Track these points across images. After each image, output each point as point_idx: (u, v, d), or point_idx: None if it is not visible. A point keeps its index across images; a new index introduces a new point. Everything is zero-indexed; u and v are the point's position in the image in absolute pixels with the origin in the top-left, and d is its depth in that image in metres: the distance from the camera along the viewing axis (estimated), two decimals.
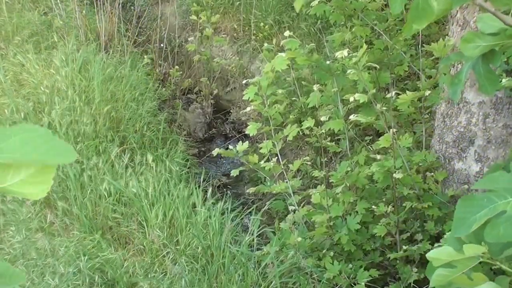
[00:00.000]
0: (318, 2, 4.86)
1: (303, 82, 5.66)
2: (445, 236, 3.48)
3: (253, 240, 4.66)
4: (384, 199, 4.31)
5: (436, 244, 3.61)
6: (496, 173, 1.55)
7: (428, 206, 4.09)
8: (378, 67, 4.57)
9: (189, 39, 8.14)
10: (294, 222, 4.62)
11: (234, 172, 4.87)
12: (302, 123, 4.82)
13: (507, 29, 1.58)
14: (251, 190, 4.85)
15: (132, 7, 9.15)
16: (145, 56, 7.62)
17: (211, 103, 8.05)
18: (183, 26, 9.07)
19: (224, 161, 7.26)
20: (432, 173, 4.32)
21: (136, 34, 8.44)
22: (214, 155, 4.97)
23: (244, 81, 5.17)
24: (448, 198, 4.19)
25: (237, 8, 8.48)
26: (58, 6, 7.83)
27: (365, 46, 4.22)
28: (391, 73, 5.02)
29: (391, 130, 4.05)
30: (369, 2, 5.19)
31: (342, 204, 4.34)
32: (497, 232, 1.42)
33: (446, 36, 4.47)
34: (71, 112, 5.76)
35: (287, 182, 4.75)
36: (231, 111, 8.05)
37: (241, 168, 4.95)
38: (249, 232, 4.80)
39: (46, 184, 0.96)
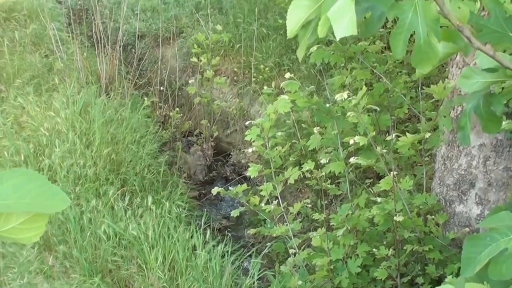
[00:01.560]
0: (317, 47, 4.95)
1: (303, 125, 5.73)
2: (446, 279, 3.50)
3: (253, 283, 4.67)
4: (385, 242, 4.33)
5: None
6: (500, 212, 1.58)
7: (429, 249, 4.10)
8: (378, 109, 4.63)
9: (189, 81, 8.25)
10: (295, 265, 4.63)
11: (235, 213, 4.91)
12: (302, 165, 4.86)
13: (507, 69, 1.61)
14: (252, 231, 4.88)
15: (133, 50, 9.29)
16: (146, 99, 7.72)
17: (212, 146, 8.12)
18: (183, 69, 9.21)
19: (224, 204, 7.30)
20: (433, 216, 4.34)
21: (137, 76, 8.57)
22: (214, 196, 5.01)
23: (247, 123, 5.24)
24: (449, 241, 4.21)
25: (238, 51, 8.62)
26: (59, 49, 7.97)
27: (364, 89, 4.28)
28: (391, 116, 5.08)
29: (391, 172, 4.09)
30: (369, 45, 5.28)
31: (343, 247, 4.36)
32: (499, 269, 1.44)
33: (446, 79, 4.51)
34: (71, 154, 5.83)
35: (287, 225, 4.78)
36: (231, 153, 8.11)
37: (241, 209, 4.99)
38: (249, 275, 4.82)
39: (38, 230, 0.96)
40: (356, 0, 1.23)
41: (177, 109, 8.16)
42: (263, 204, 4.84)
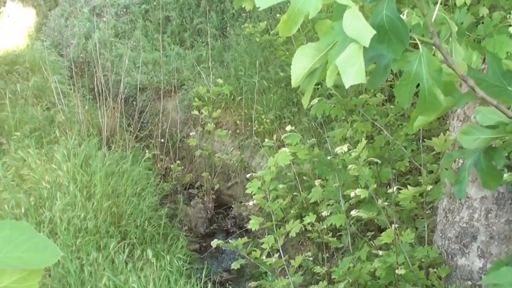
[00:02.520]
0: (318, 100, 5.05)
1: (304, 177, 5.79)
2: None
3: None
4: None
5: None
6: (502, 268, 1.59)
7: None
8: (379, 162, 4.69)
9: (190, 133, 8.34)
10: None
11: (235, 265, 4.92)
12: (303, 218, 4.90)
13: (508, 124, 1.65)
14: (253, 284, 4.89)
15: (134, 102, 9.43)
16: (147, 151, 7.80)
17: (213, 198, 8.16)
18: (184, 121, 9.31)
19: (225, 257, 7.30)
20: (435, 269, 4.35)
21: (138, 129, 8.67)
22: (214, 249, 5.03)
23: (248, 175, 5.30)
24: None
25: (239, 103, 8.72)
26: (61, 101, 8.09)
27: (364, 141, 4.35)
28: (393, 168, 5.12)
29: (393, 225, 4.12)
30: (370, 98, 5.37)
31: None
32: None
33: (447, 131, 4.55)
34: (72, 207, 5.87)
35: (288, 278, 4.79)
36: (233, 206, 8.14)
37: (242, 261, 5.00)
38: None
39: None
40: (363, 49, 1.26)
41: (178, 161, 8.23)
42: (264, 257, 4.86)
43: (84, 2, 13.06)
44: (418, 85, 1.41)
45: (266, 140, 5.68)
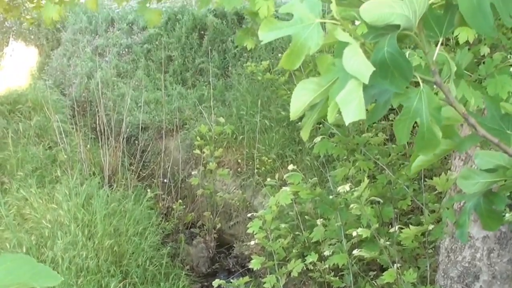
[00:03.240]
0: (321, 138, 5.11)
1: (306, 216, 5.82)
2: None
3: None
4: None
5: None
6: None
7: None
8: (381, 201, 4.73)
9: (192, 173, 8.38)
10: None
11: None
12: (305, 257, 4.92)
13: (508, 169, 1.65)
14: None
15: (136, 141, 9.49)
16: (149, 190, 7.84)
17: (214, 237, 8.17)
18: (186, 160, 9.36)
19: None
20: None
21: (140, 168, 8.72)
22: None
23: (249, 215, 5.33)
24: None
25: (241, 142, 8.79)
26: (63, 140, 8.16)
27: (366, 181, 4.39)
28: (394, 208, 5.15)
29: (395, 265, 4.14)
30: (372, 137, 5.43)
31: None
32: None
33: (449, 171, 4.59)
34: (73, 246, 5.90)
35: None
36: (234, 245, 8.14)
37: None
38: None
39: None
40: (363, 86, 1.27)
41: (180, 200, 8.26)
42: None
43: (87, 42, 13.23)
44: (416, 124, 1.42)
45: (268, 179, 5.72)
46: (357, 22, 1.50)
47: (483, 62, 3.65)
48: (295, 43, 1.31)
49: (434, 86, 1.46)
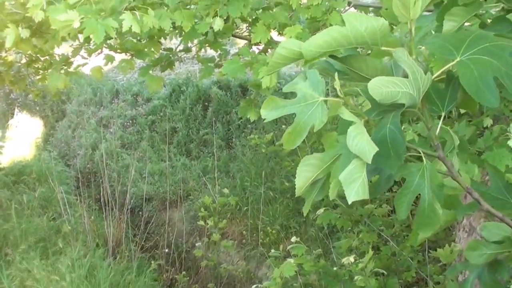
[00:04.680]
0: (324, 210, 5.19)
1: None
2: None
3: None
4: None
5: None
6: None
7: None
8: (385, 273, 4.76)
9: (196, 244, 8.40)
10: None
11: None
12: None
13: None
14: None
15: (140, 213, 9.55)
16: (153, 262, 7.84)
17: None
18: (190, 232, 9.38)
19: None
20: None
21: (144, 239, 8.75)
22: None
23: (253, 286, 5.34)
24: None
25: (245, 214, 8.83)
26: (67, 212, 8.23)
27: (371, 252, 4.44)
28: (399, 279, 5.16)
29: None
30: (375, 208, 5.50)
31: None
32: None
33: (453, 242, 4.62)
34: None
35: None
36: None
37: None
38: None
39: None
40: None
41: (184, 272, 8.25)
42: None
43: (91, 114, 13.41)
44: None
45: (272, 250, 5.76)
46: None
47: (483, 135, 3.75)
48: (298, 121, 1.36)
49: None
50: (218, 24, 3.90)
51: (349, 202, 1.27)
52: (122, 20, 3.53)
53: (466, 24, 1.72)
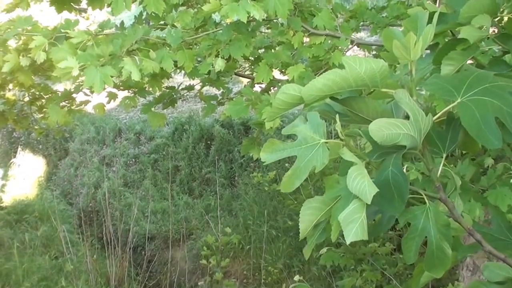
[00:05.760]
0: (327, 249, 5.20)
1: None
2: None
3: None
4: None
5: None
6: None
7: None
8: None
9: (199, 283, 8.38)
10: None
11: None
12: None
13: None
14: None
15: (143, 251, 9.53)
16: None
17: None
18: (193, 270, 9.35)
19: None
20: None
21: (146, 278, 8.73)
22: None
23: None
24: None
25: (247, 253, 8.82)
26: (69, 251, 8.22)
27: None
28: None
29: None
30: (379, 247, 5.51)
31: None
32: None
33: (456, 281, 4.63)
34: None
35: None
36: None
37: None
38: None
39: None
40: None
41: None
42: None
43: (94, 152, 13.44)
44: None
45: None
46: None
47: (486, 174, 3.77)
48: (298, 164, 1.36)
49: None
50: (219, 64, 3.93)
51: (347, 243, 1.27)
52: (121, 67, 3.55)
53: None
